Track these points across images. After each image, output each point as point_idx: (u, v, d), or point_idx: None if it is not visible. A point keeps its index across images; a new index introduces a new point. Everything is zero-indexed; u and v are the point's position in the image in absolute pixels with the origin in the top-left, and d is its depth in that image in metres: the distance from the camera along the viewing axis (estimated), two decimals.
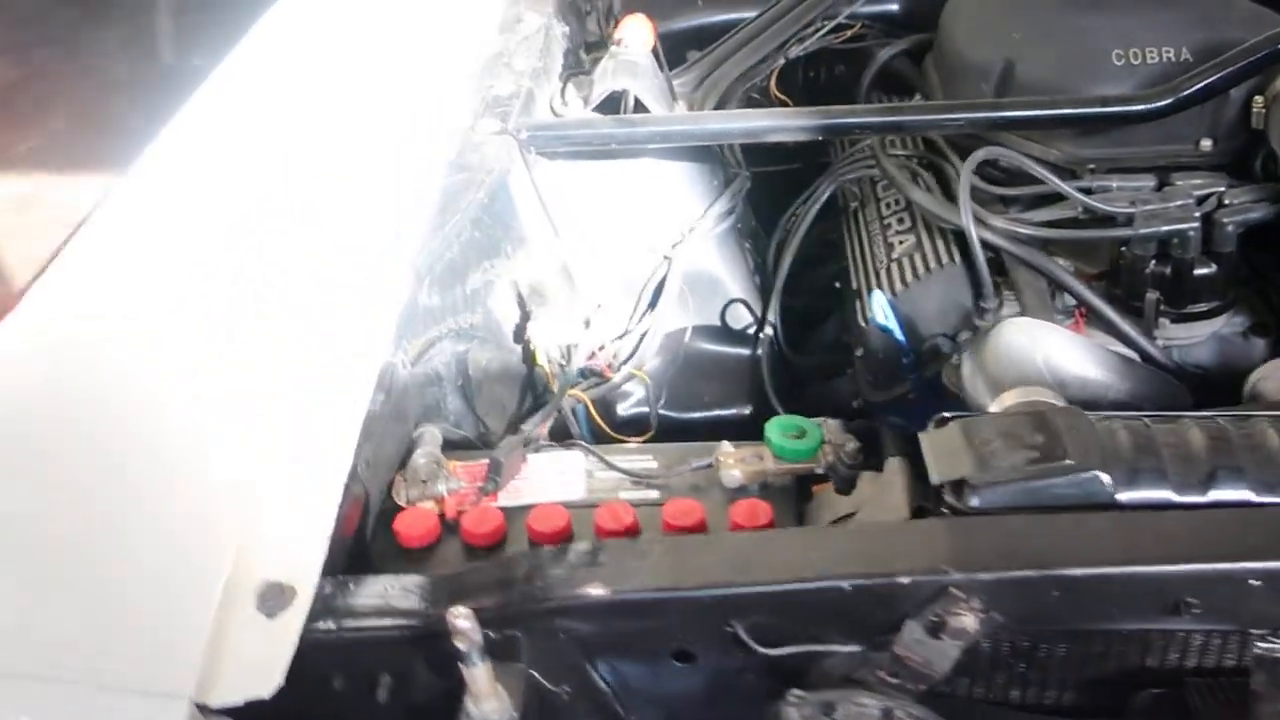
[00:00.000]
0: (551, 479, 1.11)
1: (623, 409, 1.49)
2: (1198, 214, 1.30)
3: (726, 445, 1.10)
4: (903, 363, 1.42)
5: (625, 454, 1.15)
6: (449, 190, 1.29)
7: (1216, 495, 0.83)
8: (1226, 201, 1.31)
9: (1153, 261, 1.32)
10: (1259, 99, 1.34)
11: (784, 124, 1.39)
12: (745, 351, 1.59)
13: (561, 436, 1.37)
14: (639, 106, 1.52)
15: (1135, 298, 1.34)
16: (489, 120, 1.39)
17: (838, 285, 1.72)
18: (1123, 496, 0.83)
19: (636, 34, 1.51)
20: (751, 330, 1.59)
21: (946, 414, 0.93)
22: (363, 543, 1.03)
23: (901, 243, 1.50)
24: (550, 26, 1.65)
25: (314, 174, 1.31)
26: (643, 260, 1.52)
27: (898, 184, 1.50)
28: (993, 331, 1.11)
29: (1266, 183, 1.33)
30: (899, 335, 1.38)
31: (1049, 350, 1.06)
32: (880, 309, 1.37)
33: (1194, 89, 1.30)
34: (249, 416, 1.01)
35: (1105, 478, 0.83)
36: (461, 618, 0.76)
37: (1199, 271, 1.31)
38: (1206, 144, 1.37)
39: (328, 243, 1.20)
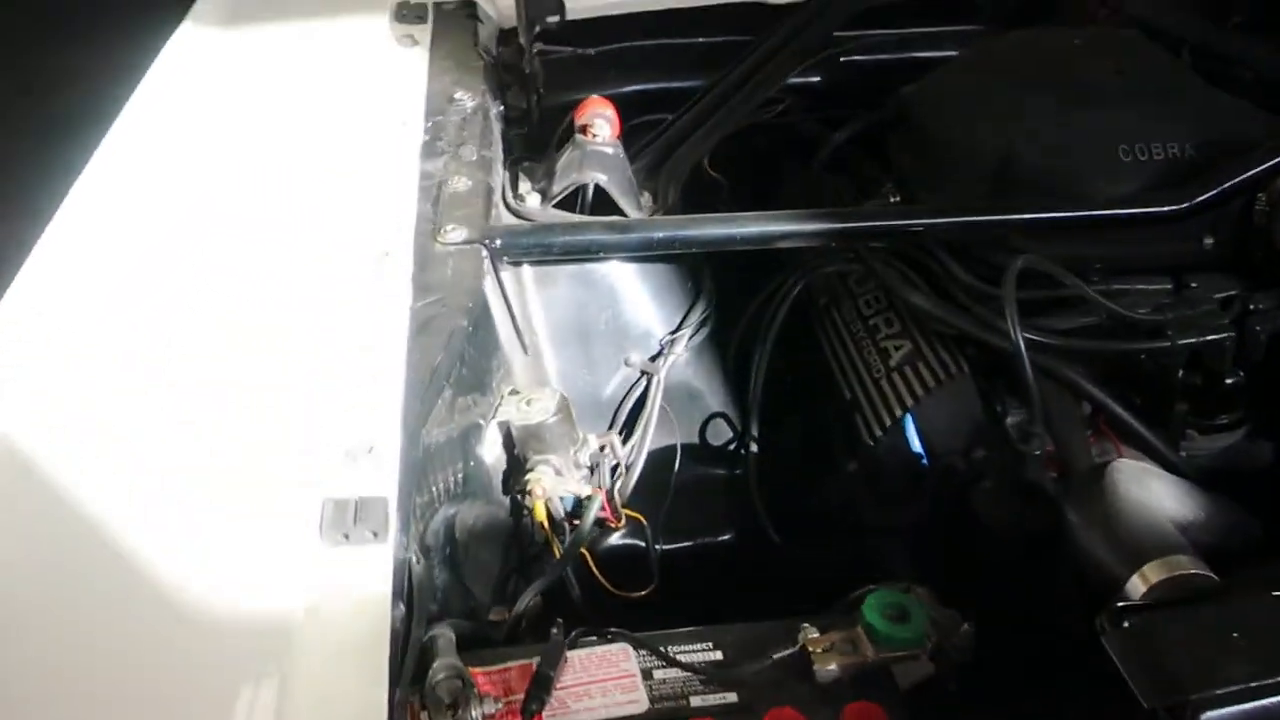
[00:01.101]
0: (601, 685, 0.91)
1: (603, 544, 1.30)
2: (1226, 321, 1.23)
3: (810, 629, 0.93)
4: (919, 485, 1.29)
5: (678, 642, 0.96)
6: (423, 318, 1.06)
7: None
8: (1253, 307, 1.25)
9: (1180, 371, 1.25)
10: (1261, 196, 1.30)
11: (798, 229, 1.24)
12: (725, 471, 1.43)
13: (553, 596, 1.16)
14: (603, 200, 1.34)
15: (1159, 408, 1.26)
16: (456, 229, 1.17)
17: (788, 379, 1.58)
18: None
19: (604, 121, 1.33)
20: (732, 446, 1.43)
21: (1120, 605, 0.79)
22: None
23: (898, 348, 1.37)
24: (487, 106, 1.44)
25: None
26: (620, 375, 1.34)
27: (891, 287, 1.38)
28: (1105, 481, 0.99)
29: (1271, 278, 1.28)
30: (924, 459, 1.26)
31: (1158, 496, 0.96)
32: (914, 435, 1.24)
33: (1216, 190, 1.25)
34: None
35: None
36: None
37: (1229, 381, 1.24)
38: (1209, 241, 1.32)
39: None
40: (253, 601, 0.80)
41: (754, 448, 1.41)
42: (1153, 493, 0.96)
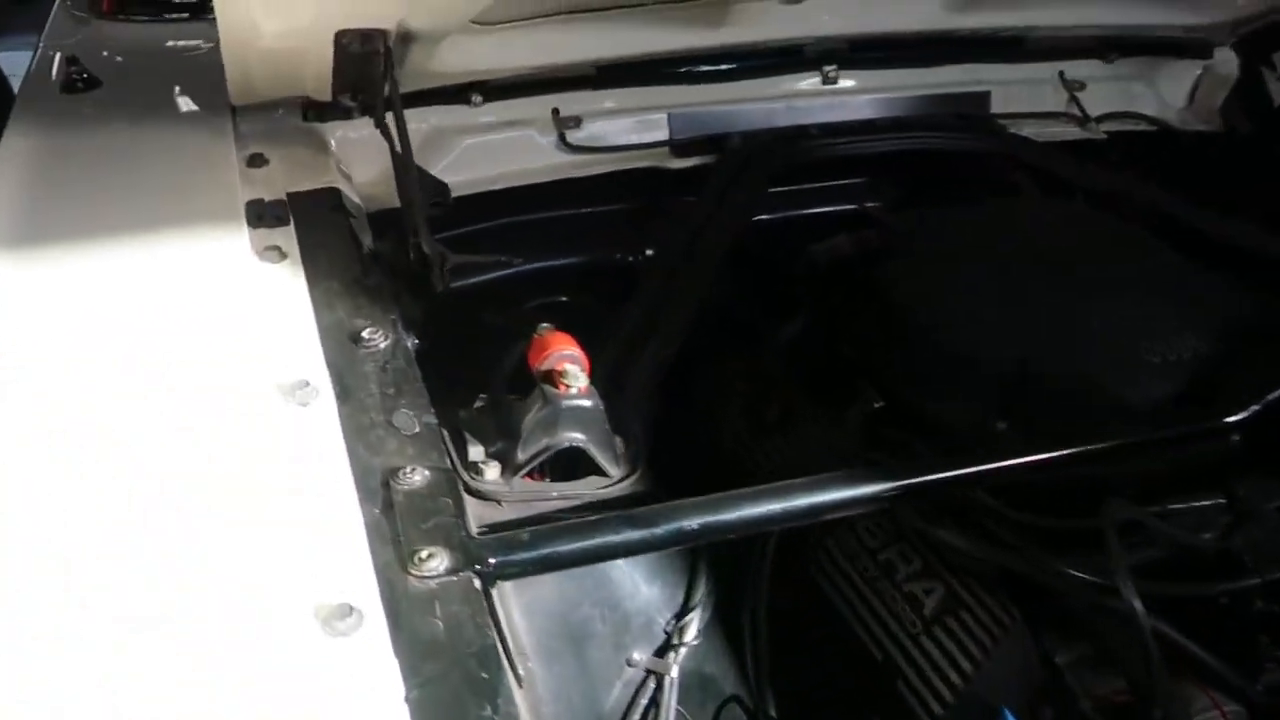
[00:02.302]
0: None
1: None
2: None
3: None
4: None
5: None
6: (427, 714, 0.76)
7: None
8: None
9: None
10: None
11: (851, 496, 1.01)
12: None
13: None
14: (580, 461, 1.08)
15: (1236, 640, 1.12)
16: (433, 554, 0.87)
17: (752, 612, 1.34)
18: None
19: (577, 369, 1.07)
20: None
21: None
22: None
23: (928, 593, 1.18)
24: (403, 342, 1.14)
25: None
26: (623, 679, 1.06)
27: (907, 522, 1.18)
28: None
29: None
30: None
31: None
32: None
33: (1275, 396, 1.13)
34: None
35: None
36: None
37: None
38: (1235, 438, 1.21)
39: None
40: None
41: None
42: None
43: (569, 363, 1.06)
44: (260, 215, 1.32)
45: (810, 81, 1.79)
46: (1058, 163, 1.73)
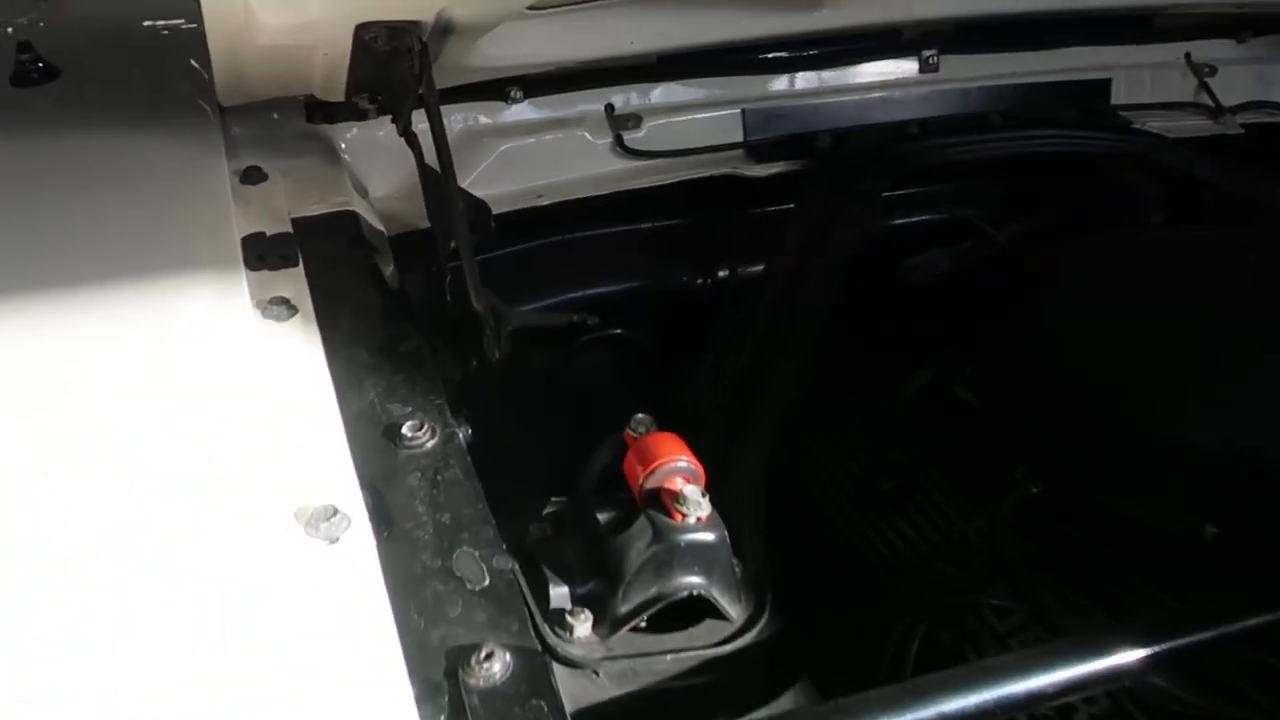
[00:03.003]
0: None
1: None
2: None
3: None
4: None
5: None
6: None
7: None
8: None
9: None
10: None
11: (1080, 674, 0.75)
12: None
13: None
14: (697, 604, 0.82)
15: None
16: None
17: None
18: None
19: (695, 490, 0.80)
20: None
21: None
22: None
23: None
24: (455, 438, 0.87)
25: None
26: None
27: None
28: None
29: None
30: None
31: None
32: None
33: None
34: None
35: None
36: None
37: None
38: None
39: None
40: None
41: None
42: None
43: (684, 479, 0.80)
44: (261, 255, 1.04)
45: (907, 68, 1.51)
46: (1217, 175, 1.46)
